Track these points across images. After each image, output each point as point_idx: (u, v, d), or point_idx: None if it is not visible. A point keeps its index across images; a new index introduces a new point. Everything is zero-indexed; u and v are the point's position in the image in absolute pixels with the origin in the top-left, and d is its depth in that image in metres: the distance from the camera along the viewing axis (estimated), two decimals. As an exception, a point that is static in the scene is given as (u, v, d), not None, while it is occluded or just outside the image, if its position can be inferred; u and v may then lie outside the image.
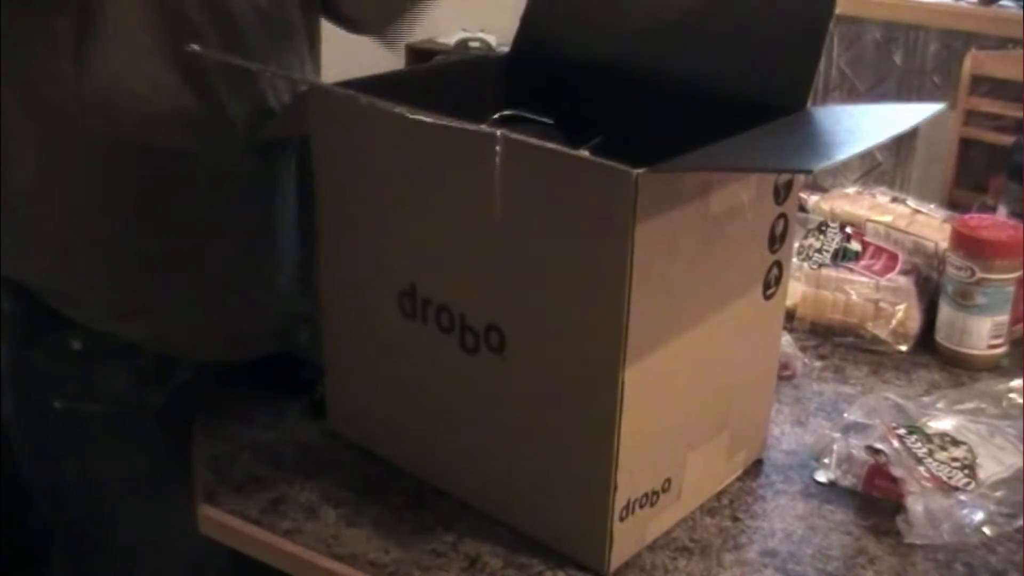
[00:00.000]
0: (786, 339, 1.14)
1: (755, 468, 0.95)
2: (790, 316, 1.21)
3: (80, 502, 1.06)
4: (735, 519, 0.89)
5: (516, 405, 0.83)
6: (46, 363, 1.01)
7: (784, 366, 1.10)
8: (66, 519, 1.09)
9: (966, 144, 2.54)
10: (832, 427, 0.98)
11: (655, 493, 0.83)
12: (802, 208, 1.37)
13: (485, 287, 0.82)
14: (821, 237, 1.25)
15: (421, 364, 0.88)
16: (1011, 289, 1.12)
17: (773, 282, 0.88)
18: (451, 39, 3.40)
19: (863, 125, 0.88)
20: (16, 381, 1.04)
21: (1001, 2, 2.60)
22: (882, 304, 1.17)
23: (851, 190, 1.38)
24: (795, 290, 1.21)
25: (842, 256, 1.22)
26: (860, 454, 0.92)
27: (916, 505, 0.87)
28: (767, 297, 0.88)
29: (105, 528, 1.06)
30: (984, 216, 1.22)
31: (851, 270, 1.21)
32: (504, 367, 0.82)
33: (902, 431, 0.93)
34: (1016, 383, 1.04)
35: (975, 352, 1.13)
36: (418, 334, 0.86)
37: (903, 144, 2.80)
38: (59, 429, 1.03)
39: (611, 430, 0.77)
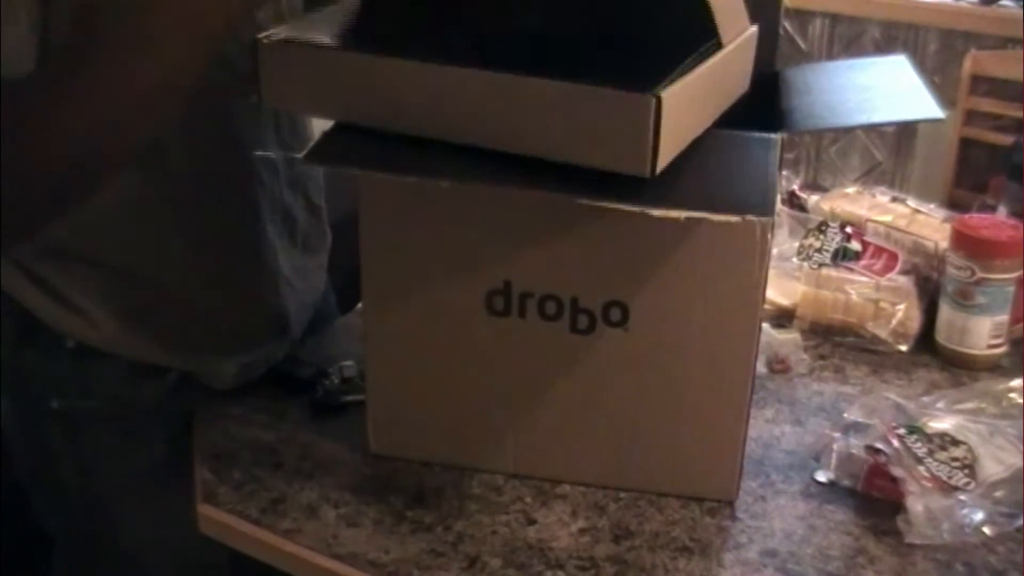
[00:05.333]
0: (788, 336, 1.14)
1: (755, 468, 0.95)
2: (790, 315, 1.21)
3: (79, 502, 1.06)
4: (735, 519, 0.89)
5: (642, 372, 0.88)
6: (41, 362, 1.01)
7: (780, 360, 1.11)
8: (65, 521, 1.09)
9: (966, 144, 2.54)
10: (832, 427, 0.98)
11: None
12: (802, 208, 1.37)
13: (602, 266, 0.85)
14: (821, 237, 1.25)
15: (515, 357, 0.90)
16: (1011, 289, 1.12)
17: None
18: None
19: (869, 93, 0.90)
20: (12, 382, 1.04)
21: (1001, 2, 2.60)
22: (882, 304, 1.17)
23: (851, 190, 1.38)
24: (795, 290, 1.21)
25: (842, 256, 1.22)
26: (860, 454, 0.92)
27: (916, 505, 0.87)
28: None
29: (106, 528, 1.06)
30: (984, 216, 1.22)
31: (851, 270, 1.21)
32: (628, 338, 0.86)
33: (902, 431, 0.93)
34: (1016, 383, 1.04)
35: (975, 352, 1.13)
36: (512, 328, 0.88)
37: (903, 144, 2.79)
38: (57, 429, 1.03)
39: (747, 375, 0.86)
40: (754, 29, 0.85)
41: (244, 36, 0.91)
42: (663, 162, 0.71)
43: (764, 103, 0.90)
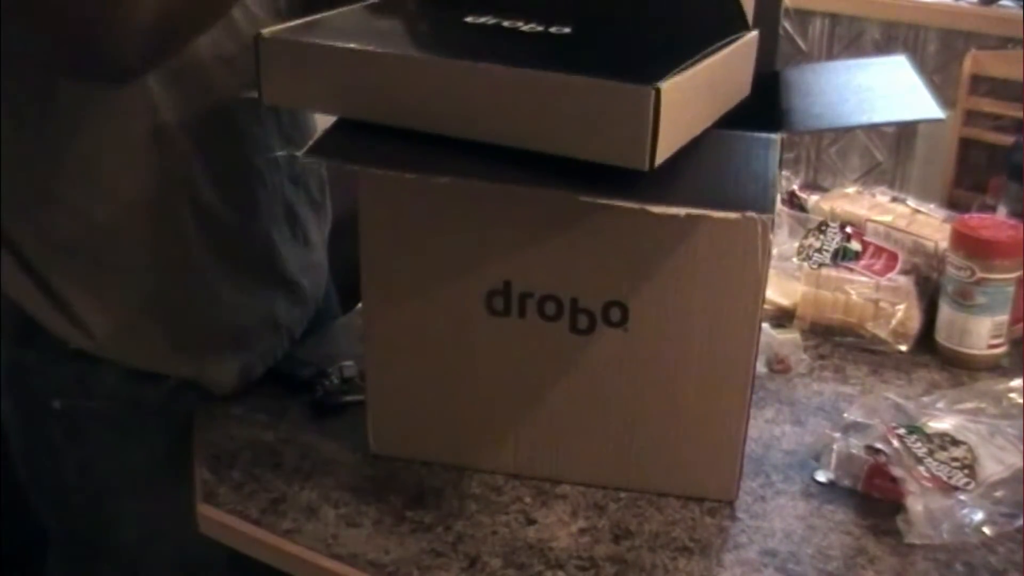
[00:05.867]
0: (788, 336, 1.14)
1: (755, 468, 0.95)
2: (790, 315, 1.21)
3: (79, 502, 1.06)
4: (735, 519, 0.89)
5: (642, 372, 0.88)
6: (42, 362, 1.01)
7: (780, 360, 1.10)
8: (64, 520, 1.09)
9: (966, 144, 2.54)
10: (832, 427, 0.98)
11: None
12: (802, 208, 1.37)
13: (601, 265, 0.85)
14: (821, 237, 1.25)
15: (515, 357, 0.90)
16: (1011, 289, 1.12)
17: None
18: None
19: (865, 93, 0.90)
20: (13, 382, 1.04)
21: (1001, 2, 2.60)
22: (882, 304, 1.17)
23: (851, 190, 1.38)
24: (795, 290, 1.21)
25: (842, 256, 1.22)
26: (860, 454, 0.92)
27: (916, 505, 0.87)
28: None
29: (104, 527, 1.06)
30: (984, 216, 1.22)
31: (851, 270, 1.21)
32: (628, 339, 0.86)
33: (902, 431, 0.93)
34: (1016, 383, 1.04)
35: (975, 352, 1.13)
36: (512, 328, 0.88)
37: (903, 144, 2.80)
38: (58, 429, 1.03)
39: (747, 375, 0.86)
40: (755, 34, 0.85)
41: (245, 32, 0.91)
42: (662, 156, 0.71)
43: (764, 103, 0.90)
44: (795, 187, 1.42)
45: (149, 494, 1.04)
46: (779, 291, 1.21)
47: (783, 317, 1.21)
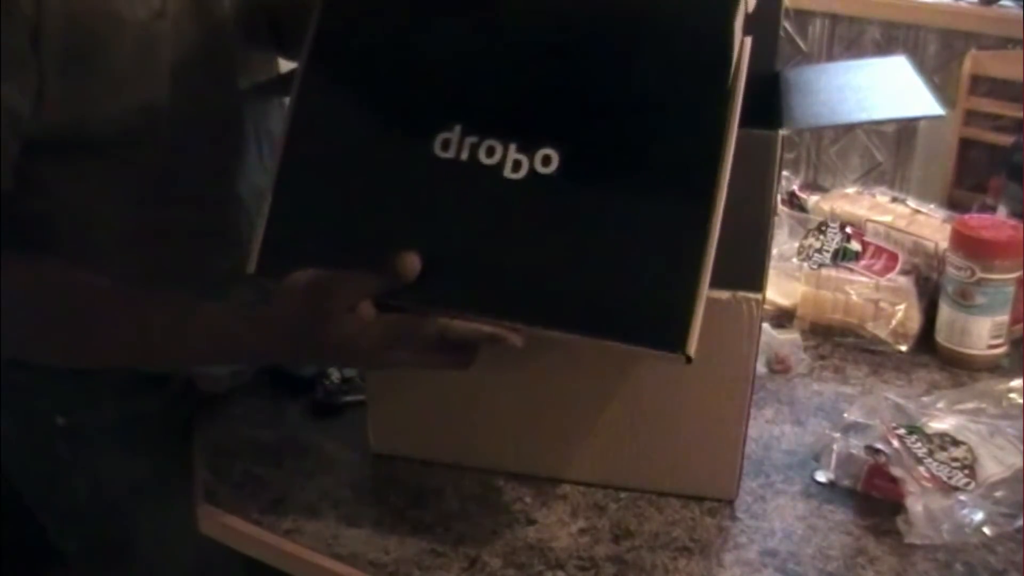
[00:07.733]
0: (788, 336, 1.14)
1: (755, 468, 0.95)
2: (790, 316, 1.21)
3: (92, 515, 1.05)
4: (735, 519, 0.89)
5: (642, 372, 0.88)
6: (42, 380, 1.00)
7: (780, 360, 1.10)
8: (77, 535, 1.08)
9: (966, 144, 2.53)
10: (832, 427, 0.98)
11: None
12: (802, 208, 1.37)
13: None
14: (821, 237, 1.25)
15: (516, 355, 0.88)
16: (1011, 289, 1.12)
17: None
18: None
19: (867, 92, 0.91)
20: (11, 401, 1.02)
21: (1001, 2, 2.60)
22: (882, 304, 1.17)
23: (851, 190, 1.39)
24: (795, 290, 1.21)
25: (842, 256, 1.22)
26: (860, 454, 0.92)
27: (916, 505, 0.87)
28: None
29: (119, 537, 1.05)
30: (984, 216, 1.22)
31: (851, 270, 1.21)
32: None
33: (902, 431, 0.93)
34: (1016, 383, 1.04)
35: (975, 352, 1.13)
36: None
37: (903, 144, 2.79)
38: (65, 446, 1.02)
39: (747, 375, 0.87)
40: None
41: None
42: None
43: (764, 103, 0.90)
44: (795, 187, 1.43)
45: (161, 501, 1.03)
46: (779, 291, 1.21)
47: (783, 317, 1.21)
